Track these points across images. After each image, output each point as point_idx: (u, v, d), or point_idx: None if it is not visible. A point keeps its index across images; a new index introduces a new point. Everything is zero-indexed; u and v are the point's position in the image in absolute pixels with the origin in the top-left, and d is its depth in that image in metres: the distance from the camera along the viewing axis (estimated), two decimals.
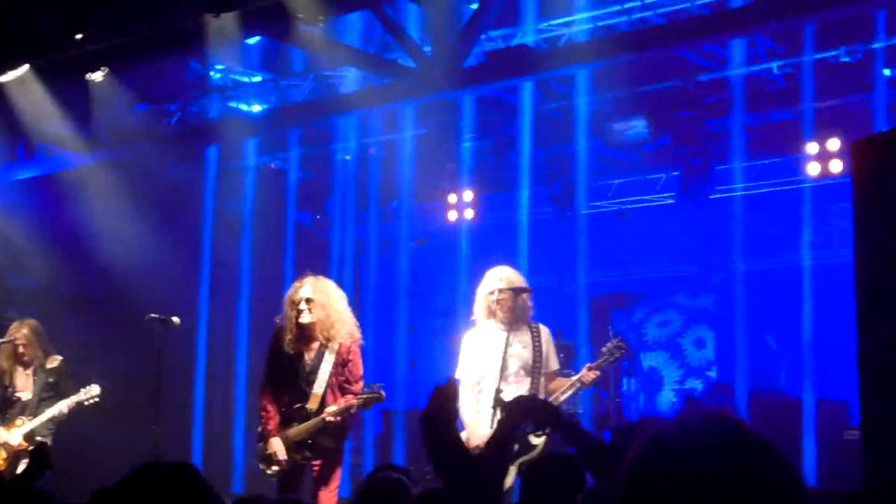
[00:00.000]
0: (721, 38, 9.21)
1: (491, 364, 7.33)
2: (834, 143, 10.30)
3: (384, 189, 13.16)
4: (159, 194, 12.10)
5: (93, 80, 9.46)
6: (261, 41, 10.65)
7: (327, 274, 13.26)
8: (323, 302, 7.56)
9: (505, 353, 7.28)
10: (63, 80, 9.54)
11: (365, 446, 12.76)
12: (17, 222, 11.65)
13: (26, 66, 8.90)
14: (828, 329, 10.69)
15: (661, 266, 12.81)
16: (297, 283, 7.72)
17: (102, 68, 9.23)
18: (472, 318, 7.56)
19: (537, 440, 7.19)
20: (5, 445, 9.26)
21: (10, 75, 8.91)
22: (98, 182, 11.54)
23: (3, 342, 9.51)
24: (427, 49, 9.30)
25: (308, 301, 7.52)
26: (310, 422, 7.43)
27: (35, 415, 9.33)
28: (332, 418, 7.36)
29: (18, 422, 9.33)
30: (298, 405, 7.49)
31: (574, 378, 7.26)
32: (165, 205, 12.15)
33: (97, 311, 12.29)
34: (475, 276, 13.43)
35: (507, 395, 7.19)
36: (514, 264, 12.89)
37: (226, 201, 13.04)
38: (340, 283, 13.28)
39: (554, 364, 7.46)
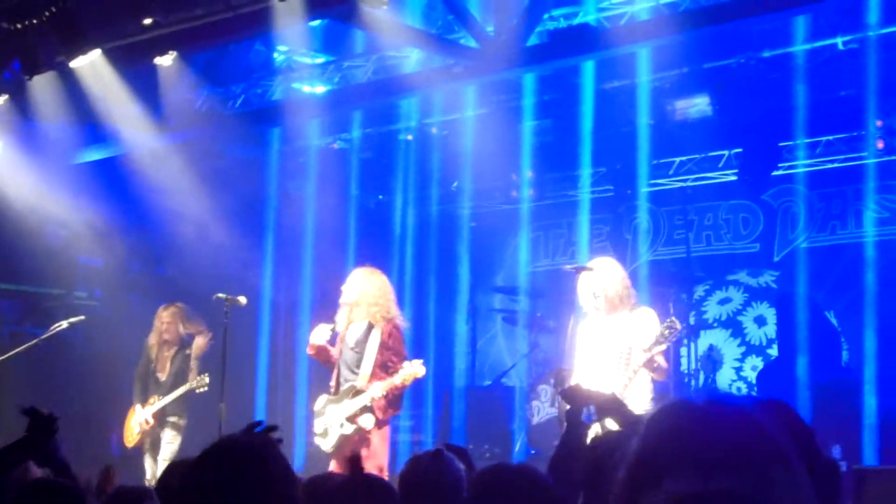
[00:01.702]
0: (785, 14, 9.15)
1: (585, 351, 7.57)
2: None
3: (446, 169, 13.22)
4: (225, 175, 12.28)
5: (161, 64, 9.62)
6: (323, 22, 10.72)
7: (389, 252, 13.55)
8: (358, 287, 8.20)
9: (599, 341, 7.48)
10: (132, 64, 9.70)
11: (424, 425, 12.88)
12: (87, 203, 11.86)
13: (97, 51, 9.04)
14: (891, 306, 10.62)
15: (722, 243, 12.76)
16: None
17: (171, 52, 9.36)
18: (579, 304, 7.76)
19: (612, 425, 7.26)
20: (141, 423, 9.87)
21: (81, 60, 9.04)
22: (165, 163, 11.73)
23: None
24: (489, 29, 9.34)
25: (348, 287, 8.23)
26: (361, 397, 7.94)
27: (166, 395, 9.87)
28: (379, 395, 7.88)
29: (152, 400, 9.94)
30: (352, 382, 8.03)
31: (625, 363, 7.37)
32: (231, 185, 12.33)
33: (165, 290, 12.50)
34: (535, 255, 13.59)
35: (598, 384, 7.35)
36: (574, 243, 13.06)
37: (289, 182, 13.18)
38: (402, 262, 13.53)
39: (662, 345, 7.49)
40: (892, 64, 9.81)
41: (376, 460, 7.86)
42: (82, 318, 10.26)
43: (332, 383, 8.22)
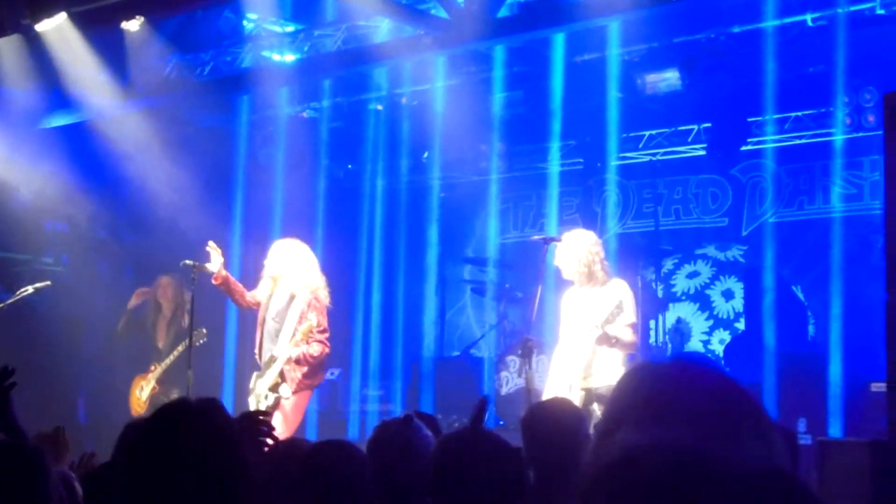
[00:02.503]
0: None
1: (565, 322, 7.74)
2: (867, 96, 10.27)
3: (416, 139, 13.19)
4: (193, 142, 12.21)
5: (128, 29, 9.55)
6: None
7: (358, 222, 13.53)
8: (282, 259, 8.35)
9: (575, 311, 7.63)
10: (99, 29, 9.62)
11: (393, 395, 12.92)
12: (53, 169, 11.78)
13: (63, 15, 8.97)
14: (857, 281, 10.69)
15: (691, 217, 12.81)
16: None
17: (138, 17, 9.29)
18: (564, 276, 7.88)
19: (576, 397, 7.35)
20: (144, 391, 10.31)
21: (47, 23, 8.97)
22: (132, 130, 11.65)
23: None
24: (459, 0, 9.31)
25: (273, 257, 8.38)
26: (275, 365, 8.08)
27: (162, 361, 10.27)
28: (284, 360, 8.04)
29: (152, 367, 10.34)
30: (271, 353, 8.17)
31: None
32: (199, 153, 12.26)
33: (130, 256, 12.47)
34: (505, 227, 13.61)
35: (571, 353, 7.44)
36: (544, 216, 13.07)
37: (259, 150, 13.12)
38: (371, 233, 13.52)
39: (628, 318, 7.54)
40: (860, 40, 9.84)
41: (286, 427, 7.91)
42: (48, 282, 10.24)
43: (256, 356, 8.36)
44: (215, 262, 8.33)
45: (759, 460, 1.45)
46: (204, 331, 9.82)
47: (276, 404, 8.04)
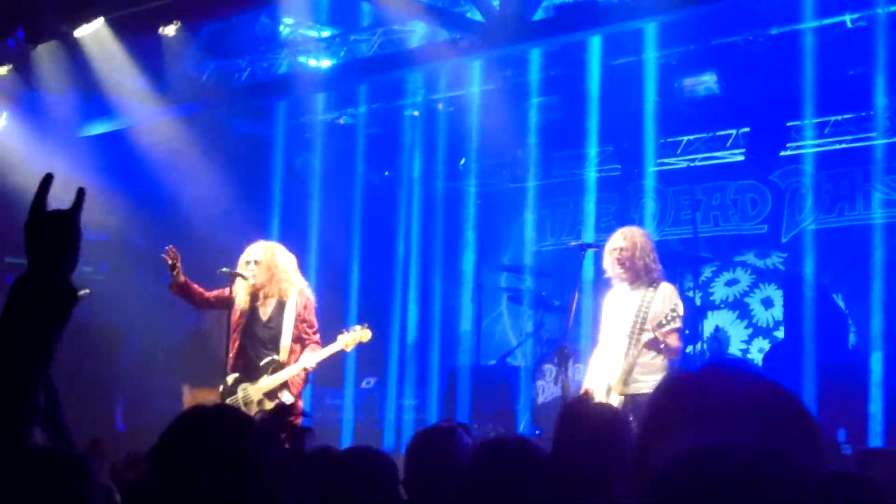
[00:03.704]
0: None
1: (607, 323, 7.60)
2: None
3: (452, 145, 13.18)
4: (230, 149, 12.26)
5: (165, 35, 9.60)
6: None
7: (395, 229, 13.52)
8: (269, 263, 8.03)
9: (617, 312, 7.52)
10: (137, 35, 9.68)
11: (429, 403, 12.88)
12: (92, 176, 11.84)
13: (101, 21, 9.03)
14: None
15: (730, 224, 12.70)
16: (248, 247, 8.24)
17: (175, 22, 9.34)
18: (606, 275, 7.74)
19: (615, 401, 7.27)
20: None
21: (85, 30, 9.03)
22: (170, 137, 11.70)
23: None
24: (495, 3, 9.29)
25: (255, 262, 8.04)
26: (286, 370, 7.89)
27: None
28: (313, 366, 7.92)
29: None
30: (270, 357, 7.93)
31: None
32: (236, 159, 12.31)
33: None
34: (541, 234, 13.55)
35: (609, 354, 7.37)
36: (581, 222, 13.00)
37: (295, 156, 13.15)
38: (407, 240, 13.50)
39: (678, 323, 7.39)
40: None
41: None
42: (87, 290, 10.21)
43: (236, 361, 8.07)
44: (172, 268, 8.18)
45: (818, 463, 1.45)
46: None
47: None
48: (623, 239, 7.57)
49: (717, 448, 1.40)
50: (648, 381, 7.25)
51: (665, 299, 7.44)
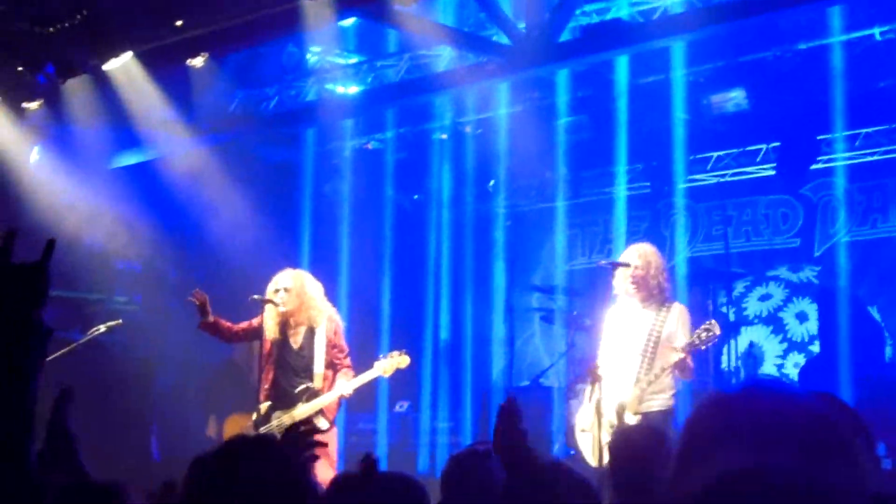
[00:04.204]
0: (819, 4, 9.05)
1: (615, 341, 7.51)
2: None
3: (481, 168, 13.19)
4: (260, 177, 12.32)
5: (193, 66, 9.65)
6: (356, 23, 10.73)
7: (425, 252, 13.52)
8: (298, 291, 8.06)
9: (625, 329, 7.46)
10: (165, 67, 9.74)
11: (463, 427, 12.85)
12: (124, 207, 11.93)
13: (129, 54, 9.10)
14: None
15: (762, 239, 12.65)
16: (276, 276, 8.26)
17: (202, 54, 9.39)
18: (614, 292, 7.64)
19: (632, 420, 7.21)
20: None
21: (114, 63, 9.10)
22: (201, 166, 11.77)
23: None
24: (521, 26, 9.29)
25: (285, 290, 8.07)
26: (322, 397, 7.90)
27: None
28: (349, 393, 7.94)
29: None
30: (305, 384, 7.93)
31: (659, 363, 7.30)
32: (266, 188, 12.36)
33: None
34: (572, 253, 13.53)
35: (617, 372, 7.30)
36: (612, 241, 12.97)
37: (325, 183, 13.20)
38: (438, 262, 13.51)
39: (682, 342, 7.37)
40: None
41: (330, 460, 7.83)
42: (119, 321, 10.29)
43: (270, 390, 8.06)
44: (201, 310, 8.21)
45: (856, 483, 1.43)
46: None
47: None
48: (637, 257, 7.54)
49: (754, 471, 1.39)
50: (660, 398, 7.28)
51: (679, 319, 7.43)
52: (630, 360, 7.39)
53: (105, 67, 9.16)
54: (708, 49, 10.18)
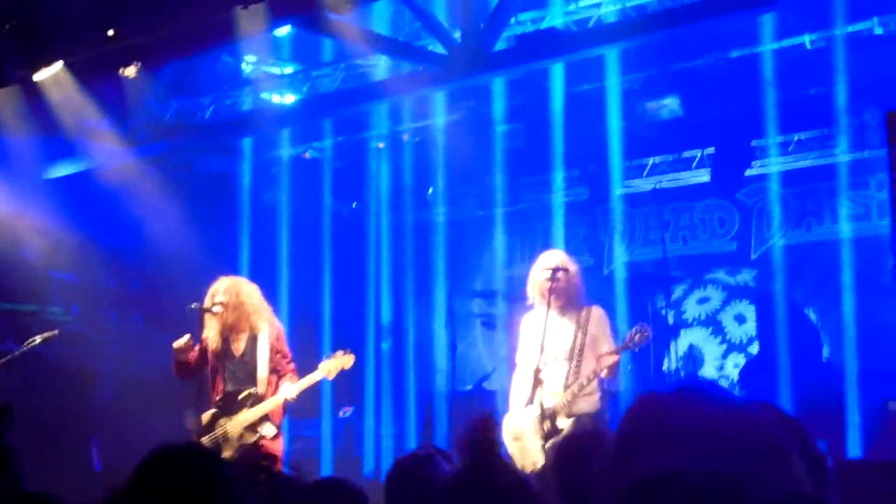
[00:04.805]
0: (751, 14, 9.14)
1: (536, 348, 7.49)
2: (870, 115, 10.24)
3: (419, 175, 13.20)
4: (197, 187, 12.24)
5: (126, 76, 9.55)
6: (291, 32, 10.69)
7: (365, 260, 13.50)
8: (234, 302, 7.97)
9: (546, 336, 7.42)
10: (97, 77, 9.64)
11: (408, 432, 12.86)
12: (58, 218, 11.80)
13: (60, 63, 8.99)
14: (869, 301, 10.62)
15: (699, 243, 12.75)
16: (212, 287, 8.15)
17: (135, 63, 9.29)
18: (528, 301, 7.67)
19: (564, 423, 7.27)
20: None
21: (44, 72, 9.00)
22: (137, 176, 11.67)
23: None
24: (456, 35, 9.31)
25: (222, 304, 7.97)
26: (266, 402, 7.82)
27: None
28: (294, 396, 7.84)
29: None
30: (249, 390, 7.85)
31: (594, 366, 7.36)
32: (203, 197, 12.28)
33: (139, 304, 12.45)
34: (512, 259, 13.57)
35: (547, 378, 7.34)
36: (551, 247, 13.03)
37: (263, 192, 13.14)
38: (378, 270, 13.49)
39: (606, 345, 7.47)
40: (860, 60, 9.82)
41: (276, 467, 7.79)
42: (55, 332, 10.16)
43: (214, 398, 7.99)
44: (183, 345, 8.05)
45: (777, 485, 1.45)
46: None
47: (257, 443, 7.90)
48: (557, 264, 7.59)
49: (669, 474, 1.42)
50: (590, 401, 7.37)
51: (599, 323, 7.51)
52: (556, 365, 7.44)
53: (36, 77, 9.05)
54: (642, 57, 10.25)
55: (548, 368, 7.42)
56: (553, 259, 7.67)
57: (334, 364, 7.94)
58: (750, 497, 1.37)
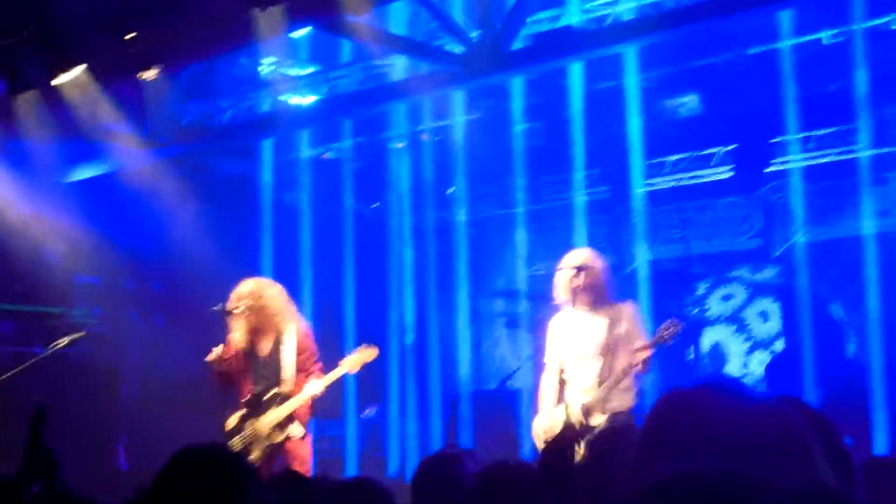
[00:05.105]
0: (769, 9, 9.10)
1: (567, 347, 7.47)
2: (889, 110, 10.20)
3: (439, 175, 13.21)
4: (216, 189, 12.29)
5: (145, 79, 9.61)
6: (309, 33, 10.72)
7: (387, 261, 13.53)
8: (257, 304, 7.96)
9: (573, 334, 7.42)
10: (117, 80, 9.69)
11: (432, 432, 12.87)
12: (79, 221, 11.87)
13: (81, 67, 9.05)
14: (893, 296, 10.56)
15: (721, 240, 12.72)
16: (236, 290, 8.12)
17: (155, 66, 9.35)
18: (555, 301, 7.65)
19: (598, 420, 7.25)
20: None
21: (64, 76, 9.06)
22: (157, 179, 11.73)
23: None
24: (474, 34, 9.31)
25: (246, 306, 7.95)
26: (293, 400, 7.78)
27: None
28: (320, 392, 7.79)
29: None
30: (276, 390, 7.84)
31: (628, 360, 7.32)
32: (224, 199, 12.33)
33: (160, 306, 12.51)
34: (534, 258, 13.56)
35: (576, 376, 7.33)
36: (572, 246, 13.01)
37: (284, 193, 13.18)
38: (401, 270, 13.51)
39: (639, 340, 7.37)
40: (879, 56, 9.77)
41: (305, 466, 7.80)
42: (83, 333, 10.22)
43: (241, 399, 8.02)
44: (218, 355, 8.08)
45: (801, 482, 1.46)
46: None
47: (284, 443, 7.92)
48: (584, 262, 7.55)
49: (691, 475, 1.41)
50: (626, 397, 7.31)
51: (633, 318, 7.47)
52: (589, 363, 7.42)
53: (56, 81, 9.12)
54: (660, 54, 10.23)
55: (576, 367, 7.41)
56: (577, 257, 7.62)
57: (358, 358, 7.92)
58: (774, 492, 1.36)
